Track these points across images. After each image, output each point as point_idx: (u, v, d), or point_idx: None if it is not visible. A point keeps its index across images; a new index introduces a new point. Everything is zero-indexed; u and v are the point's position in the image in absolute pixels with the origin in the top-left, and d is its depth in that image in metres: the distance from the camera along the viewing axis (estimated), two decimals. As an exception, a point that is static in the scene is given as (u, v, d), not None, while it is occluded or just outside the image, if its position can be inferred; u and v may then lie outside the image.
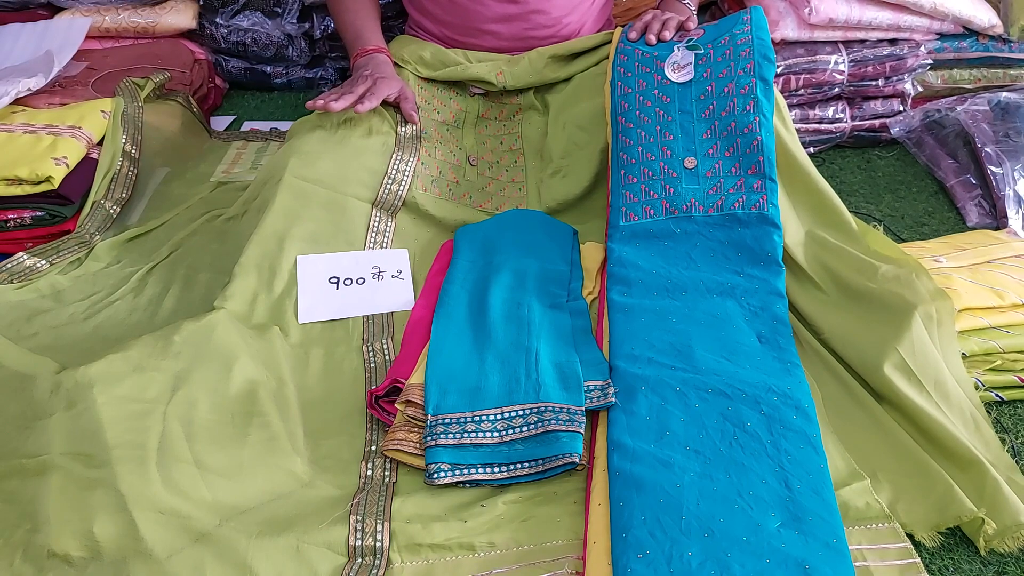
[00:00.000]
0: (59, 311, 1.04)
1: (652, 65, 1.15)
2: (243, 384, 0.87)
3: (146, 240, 1.20)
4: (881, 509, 0.78)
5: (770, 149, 1.05)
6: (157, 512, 0.73)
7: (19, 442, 0.79)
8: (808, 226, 1.08)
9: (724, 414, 0.84)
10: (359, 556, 0.74)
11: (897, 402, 0.87)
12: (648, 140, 1.10)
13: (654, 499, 0.75)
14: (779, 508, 0.75)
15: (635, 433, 0.82)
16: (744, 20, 1.15)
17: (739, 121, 1.07)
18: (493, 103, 1.32)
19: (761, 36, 1.12)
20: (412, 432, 0.85)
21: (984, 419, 0.88)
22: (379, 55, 1.25)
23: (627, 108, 1.13)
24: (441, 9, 1.31)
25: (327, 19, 1.65)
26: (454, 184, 1.22)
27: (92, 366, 0.81)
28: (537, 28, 1.30)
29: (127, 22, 1.63)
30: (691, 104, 1.11)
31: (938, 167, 1.39)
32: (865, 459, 0.85)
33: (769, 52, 1.11)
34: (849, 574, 0.70)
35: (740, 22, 1.15)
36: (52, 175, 1.13)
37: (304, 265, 1.04)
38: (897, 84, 1.46)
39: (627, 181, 1.10)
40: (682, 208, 1.06)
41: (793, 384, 0.88)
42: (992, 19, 1.45)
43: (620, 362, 0.91)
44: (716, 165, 1.07)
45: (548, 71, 1.28)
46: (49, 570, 0.70)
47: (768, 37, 1.13)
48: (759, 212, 1.03)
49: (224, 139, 1.52)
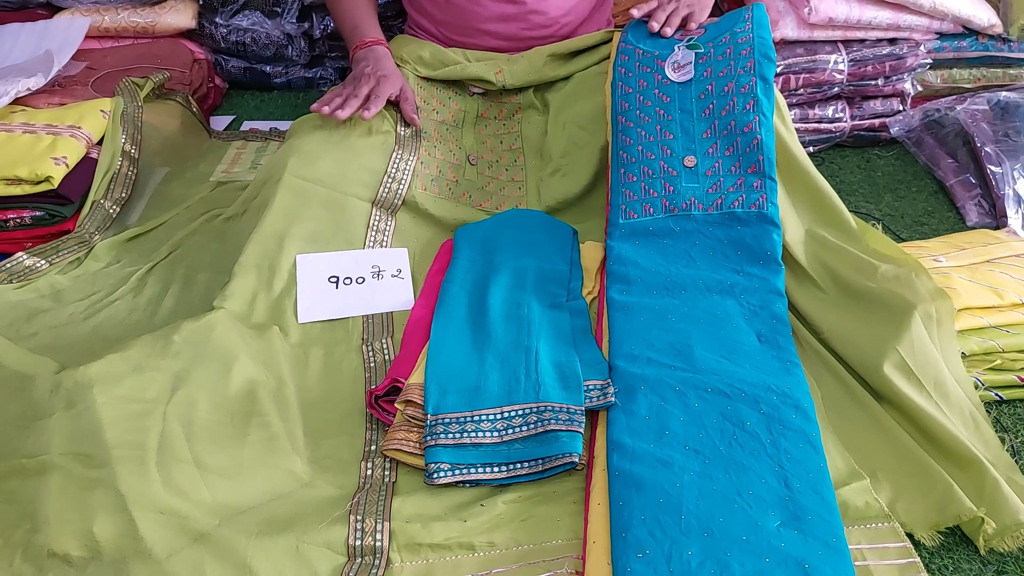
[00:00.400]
0: (59, 311, 1.04)
1: (653, 65, 1.15)
2: (243, 384, 0.87)
3: (146, 240, 1.20)
4: (880, 508, 0.78)
5: (770, 148, 1.05)
6: (157, 512, 0.73)
7: (19, 442, 0.79)
8: (808, 225, 1.08)
9: (724, 413, 0.84)
10: (359, 556, 0.74)
11: (897, 402, 0.87)
12: (648, 139, 1.10)
13: (654, 499, 0.75)
14: (779, 507, 0.75)
15: (635, 433, 0.82)
16: (746, 18, 1.15)
17: (739, 120, 1.07)
18: (492, 102, 1.32)
19: (762, 34, 1.12)
20: (412, 432, 0.85)
21: (984, 418, 0.88)
22: (378, 47, 1.25)
23: (627, 108, 1.13)
24: (439, 9, 1.31)
25: (327, 19, 1.65)
26: (454, 183, 1.22)
27: (92, 366, 0.81)
28: (535, 28, 1.30)
29: (127, 22, 1.63)
30: (691, 103, 1.11)
31: (938, 166, 1.39)
32: (865, 459, 0.85)
33: (770, 51, 1.11)
34: (849, 573, 0.70)
35: (741, 20, 1.15)
36: (52, 175, 1.13)
37: (304, 264, 1.04)
38: (897, 83, 1.46)
39: (627, 179, 1.10)
40: (681, 206, 1.06)
41: (792, 383, 0.88)
42: (992, 18, 1.45)
43: (620, 361, 0.91)
44: (716, 164, 1.07)
45: (547, 70, 1.28)
46: (49, 570, 0.70)
47: (769, 35, 1.13)
48: (758, 211, 1.03)
49: (224, 139, 1.52)
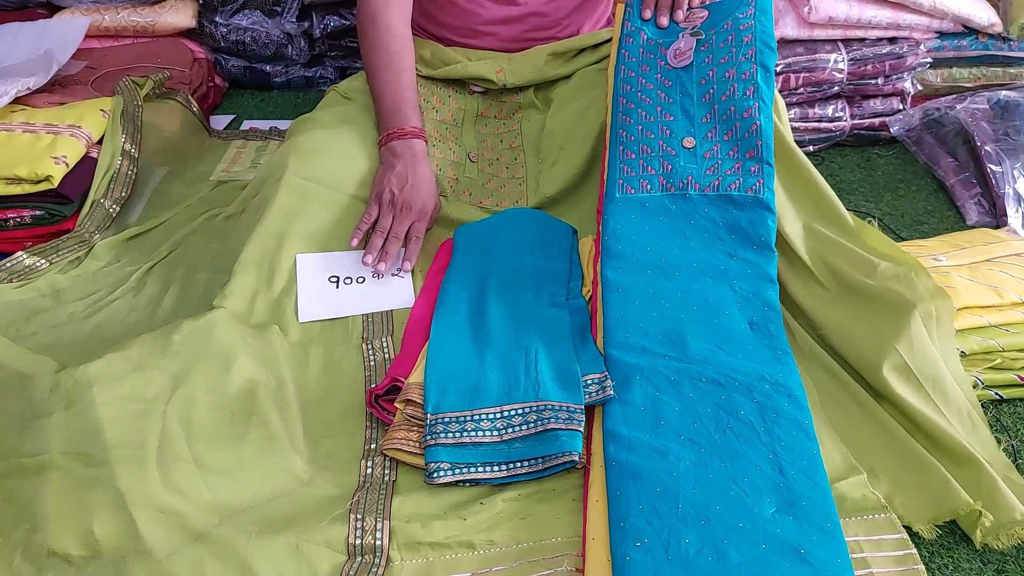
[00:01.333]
0: (58, 310, 1.04)
1: (656, 51, 1.15)
2: (242, 383, 0.87)
3: (145, 239, 1.20)
4: (877, 500, 0.79)
5: (768, 134, 1.05)
6: (156, 511, 0.73)
7: (18, 441, 0.79)
8: (805, 220, 1.08)
9: (718, 402, 0.84)
10: (359, 554, 0.74)
11: (895, 401, 0.88)
12: (648, 119, 1.10)
13: (651, 488, 0.76)
14: (774, 494, 0.76)
15: (630, 423, 0.83)
16: (748, 2, 1.14)
17: (738, 105, 1.07)
18: (493, 101, 1.32)
19: (764, 22, 1.11)
20: (412, 431, 0.85)
21: (981, 418, 0.88)
22: (417, 143, 1.14)
23: (630, 90, 1.13)
24: (441, 11, 1.31)
25: (326, 18, 1.65)
26: (454, 182, 1.22)
27: (91, 365, 0.81)
28: (536, 30, 1.30)
29: (126, 21, 1.63)
30: (692, 88, 1.11)
31: (938, 165, 1.39)
32: (862, 454, 0.85)
33: (771, 39, 1.10)
34: (844, 557, 0.71)
35: (744, 3, 1.14)
36: (52, 174, 1.13)
37: (303, 264, 1.04)
38: (897, 83, 1.46)
39: (625, 156, 1.09)
40: (678, 185, 1.05)
41: (784, 372, 0.89)
42: (992, 17, 1.45)
43: (614, 351, 0.91)
44: (714, 148, 1.07)
45: (549, 68, 1.28)
46: (49, 569, 0.70)
47: (771, 23, 1.12)
48: (755, 195, 1.03)
49: (224, 138, 1.52)
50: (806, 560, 0.70)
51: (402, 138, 1.14)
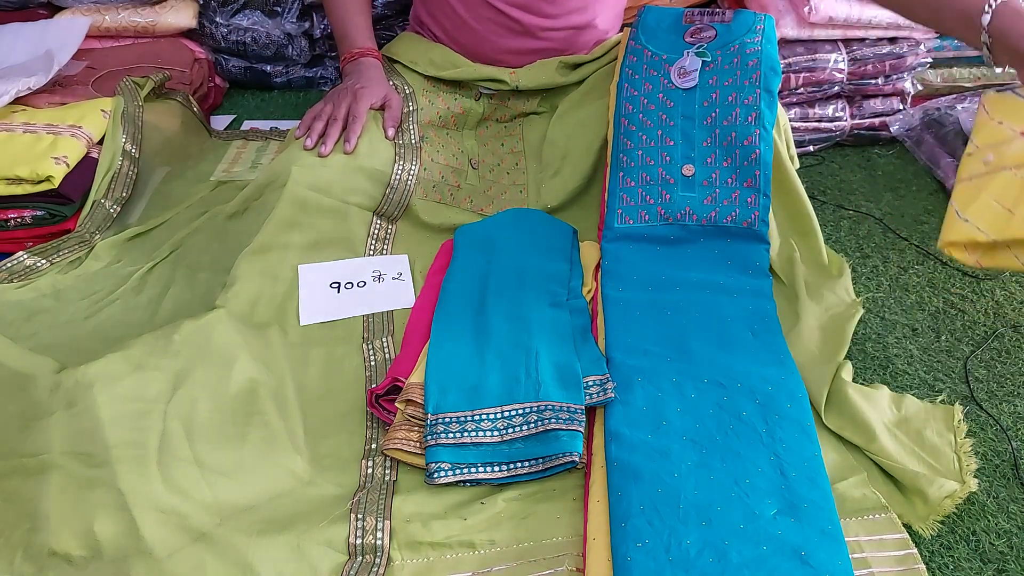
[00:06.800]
0: (59, 310, 1.04)
1: (660, 68, 1.15)
2: (243, 383, 0.87)
3: (146, 239, 1.20)
4: (878, 499, 0.80)
5: (767, 164, 1.08)
6: (157, 511, 0.73)
7: (19, 441, 0.79)
8: (783, 232, 1.11)
9: (720, 404, 0.85)
10: (359, 554, 0.74)
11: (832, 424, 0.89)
12: (649, 144, 1.12)
13: (652, 488, 0.76)
14: (775, 496, 0.76)
15: (632, 423, 0.83)
16: (757, 29, 1.15)
17: (740, 132, 1.09)
18: (498, 105, 1.31)
19: (770, 50, 1.14)
20: (412, 431, 0.85)
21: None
22: (365, 59, 1.22)
23: (631, 111, 1.14)
24: (456, 30, 1.30)
25: (327, 18, 1.65)
26: (456, 189, 1.22)
27: (92, 365, 0.81)
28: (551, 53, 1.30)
29: (127, 21, 1.63)
30: (694, 110, 1.12)
31: (937, 165, 1.39)
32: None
33: (776, 64, 1.13)
34: (844, 559, 0.71)
35: (752, 30, 1.15)
36: (52, 174, 1.13)
37: (305, 274, 1.04)
38: (897, 82, 1.46)
39: (625, 184, 1.12)
40: (676, 216, 1.09)
41: (785, 374, 0.90)
42: (992, 17, 1.45)
43: (616, 353, 0.92)
44: (713, 175, 1.09)
45: (559, 76, 1.28)
46: (49, 569, 0.71)
47: (776, 50, 1.14)
48: (750, 228, 1.07)
49: (224, 138, 1.52)
50: (807, 562, 0.70)
51: (351, 60, 1.22)
